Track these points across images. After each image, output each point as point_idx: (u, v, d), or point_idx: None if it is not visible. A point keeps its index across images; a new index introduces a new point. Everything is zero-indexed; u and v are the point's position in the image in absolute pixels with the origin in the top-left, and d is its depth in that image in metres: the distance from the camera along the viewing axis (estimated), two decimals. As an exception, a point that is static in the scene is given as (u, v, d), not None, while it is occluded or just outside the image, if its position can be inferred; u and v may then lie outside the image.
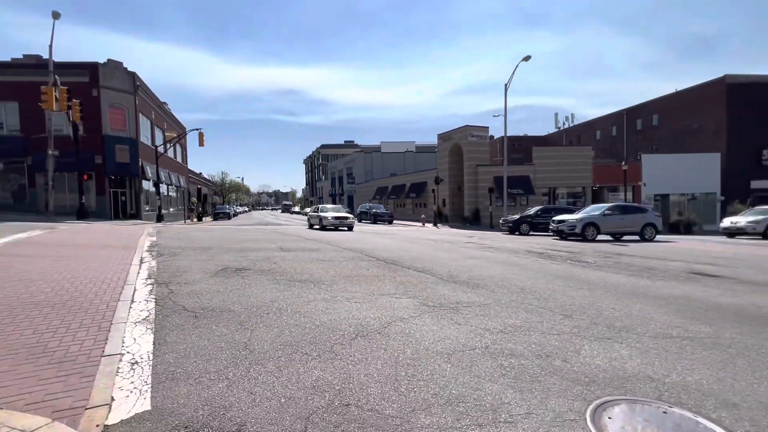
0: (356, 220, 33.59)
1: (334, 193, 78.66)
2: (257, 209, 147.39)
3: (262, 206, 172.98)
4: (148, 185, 33.47)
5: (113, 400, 2.70)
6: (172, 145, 37.59)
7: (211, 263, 8.73)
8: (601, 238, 19.12)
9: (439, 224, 33.62)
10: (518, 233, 23.27)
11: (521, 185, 34.14)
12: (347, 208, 36.25)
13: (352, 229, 23.19)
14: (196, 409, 2.61)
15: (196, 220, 39.10)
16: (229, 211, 52.64)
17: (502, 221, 25.40)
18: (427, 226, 32.12)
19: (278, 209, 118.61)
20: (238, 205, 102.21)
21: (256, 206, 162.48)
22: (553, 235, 20.82)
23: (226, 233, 18.46)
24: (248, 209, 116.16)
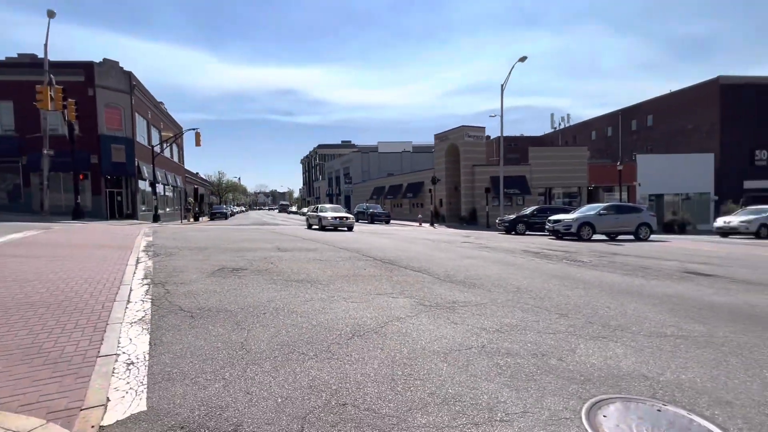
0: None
1: (331, 193, 78.64)
2: (254, 209, 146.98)
3: (259, 206, 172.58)
4: (144, 185, 33.30)
5: (109, 400, 2.69)
6: (168, 144, 37.42)
7: (207, 263, 8.70)
8: (596, 237, 19.21)
9: (436, 224, 33.66)
10: (515, 233, 23.35)
11: (517, 185, 34.25)
12: (345, 208, 36.24)
13: (352, 229, 23.20)
14: (192, 409, 2.61)
15: (192, 220, 38.93)
16: (226, 211, 52.51)
17: (498, 221, 25.48)
18: (424, 226, 32.14)
19: (275, 209, 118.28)
20: (235, 205, 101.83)
21: (253, 206, 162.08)
22: (549, 234, 20.90)
23: (222, 233, 18.40)
24: (245, 209, 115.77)
